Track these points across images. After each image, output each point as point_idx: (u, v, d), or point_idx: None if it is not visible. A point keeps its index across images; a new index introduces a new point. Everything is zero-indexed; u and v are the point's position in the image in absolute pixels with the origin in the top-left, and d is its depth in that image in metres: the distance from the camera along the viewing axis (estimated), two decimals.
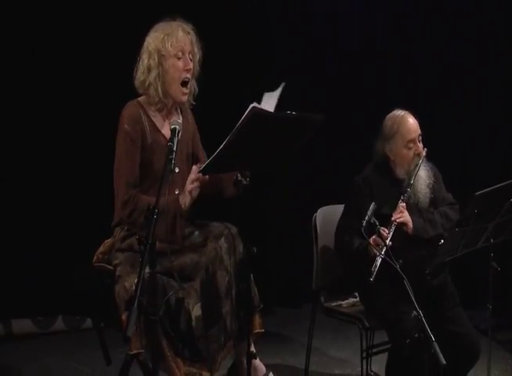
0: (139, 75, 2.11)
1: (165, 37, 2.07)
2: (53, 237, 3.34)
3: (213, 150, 1.93)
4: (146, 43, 2.11)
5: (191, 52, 2.11)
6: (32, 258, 3.31)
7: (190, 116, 2.26)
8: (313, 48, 3.98)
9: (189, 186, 2.00)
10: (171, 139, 1.85)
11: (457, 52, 3.87)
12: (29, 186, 3.35)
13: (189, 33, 2.11)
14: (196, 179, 1.98)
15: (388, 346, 2.40)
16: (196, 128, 2.27)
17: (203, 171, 1.98)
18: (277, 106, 1.92)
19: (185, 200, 2.00)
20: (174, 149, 1.83)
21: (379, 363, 2.61)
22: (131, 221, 2.04)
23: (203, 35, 2.18)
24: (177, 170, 2.13)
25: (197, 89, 2.18)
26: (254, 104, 1.81)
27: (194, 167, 2.01)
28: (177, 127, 1.90)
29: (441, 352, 1.80)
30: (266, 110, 1.84)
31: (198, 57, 2.15)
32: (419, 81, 3.90)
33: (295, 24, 3.97)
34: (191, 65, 2.10)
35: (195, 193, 1.99)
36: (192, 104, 2.21)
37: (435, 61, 3.90)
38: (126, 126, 2.07)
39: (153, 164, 2.08)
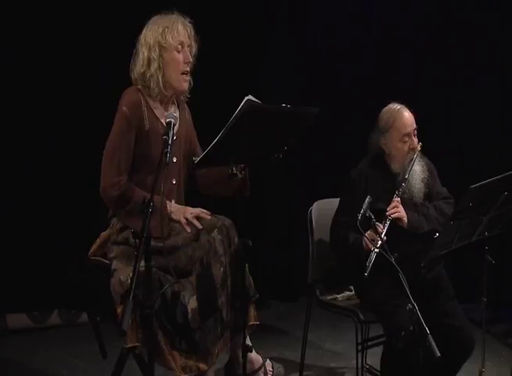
0: (138, 68, 2.10)
1: (165, 30, 2.07)
2: (48, 231, 3.33)
3: (209, 144, 1.92)
4: (143, 36, 2.11)
5: (189, 45, 2.12)
6: (27, 252, 3.30)
7: (187, 110, 2.26)
8: (309, 42, 3.97)
9: (189, 216, 2.03)
10: (166, 133, 1.85)
11: (452, 47, 3.87)
12: (23, 180, 3.33)
13: (187, 26, 2.12)
14: (197, 216, 2.03)
15: (383, 339, 2.41)
16: (192, 124, 2.27)
17: (199, 164, 1.98)
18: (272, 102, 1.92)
19: (174, 214, 2.04)
20: (170, 142, 1.83)
21: (374, 356, 2.62)
22: (117, 206, 2.03)
23: (199, 29, 2.17)
24: (174, 159, 2.13)
25: (192, 83, 2.18)
26: (249, 97, 1.81)
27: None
28: (172, 120, 1.90)
29: (436, 345, 1.81)
30: (260, 103, 1.84)
31: (194, 51, 2.15)
32: (414, 75, 3.90)
33: (290, 18, 3.96)
34: (190, 58, 2.11)
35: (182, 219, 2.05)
36: (187, 97, 2.21)
37: (431, 55, 3.90)
38: (124, 108, 2.07)
39: (150, 152, 2.07)
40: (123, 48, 2.20)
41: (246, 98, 1.80)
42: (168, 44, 2.07)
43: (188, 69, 2.12)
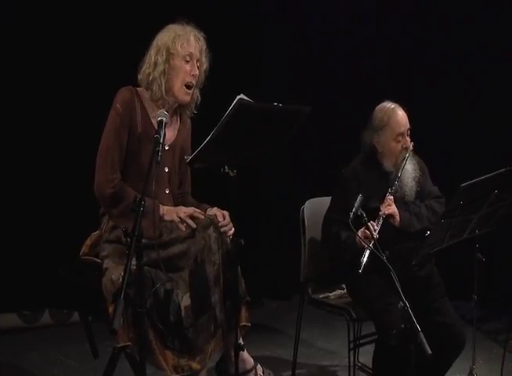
0: (145, 68, 2.10)
1: (176, 37, 2.07)
2: (39, 230, 3.31)
3: (201, 143, 1.92)
4: (156, 39, 2.11)
5: (199, 60, 2.11)
6: (17, 251, 3.28)
7: (188, 124, 2.24)
8: (304, 42, 3.98)
9: (182, 215, 2.03)
10: (158, 132, 1.84)
11: (444, 46, 3.89)
12: (14, 179, 3.31)
13: (199, 40, 2.12)
14: (190, 215, 2.03)
15: (375, 337, 2.42)
16: (189, 142, 2.25)
17: (191, 163, 1.98)
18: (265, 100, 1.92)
19: (167, 215, 2.03)
20: (161, 141, 1.82)
21: (366, 354, 2.63)
22: (110, 204, 2.03)
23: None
24: (166, 169, 2.12)
25: (200, 98, 2.17)
26: (241, 95, 1.81)
27: (218, 212, 2.06)
28: (163, 119, 1.89)
29: (427, 342, 1.82)
30: (253, 102, 1.84)
31: (205, 67, 2.14)
32: (406, 74, 3.92)
33: (283, 17, 3.96)
34: (197, 71, 2.10)
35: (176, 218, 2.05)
36: (193, 113, 2.20)
37: (423, 55, 3.92)
38: (118, 105, 2.07)
39: (141, 157, 2.07)
40: (122, 46, 2.19)
41: (238, 97, 1.80)
42: (176, 51, 2.06)
43: (193, 82, 2.10)
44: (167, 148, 2.12)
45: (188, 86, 2.10)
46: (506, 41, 3.72)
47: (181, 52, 2.07)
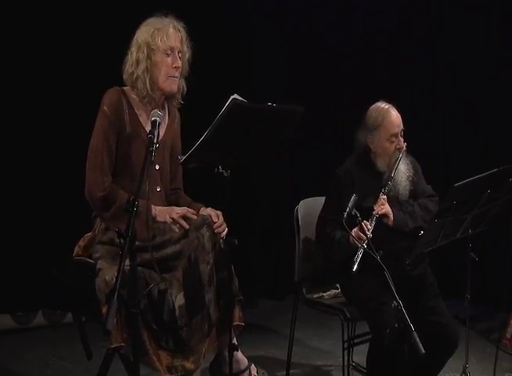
0: (128, 68, 2.10)
1: (155, 32, 2.06)
2: (32, 231, 3.30)
3: (195, 143, 1.91)
4: (135, 36, 2.10)
5: (180, 50, 2.11)
6: (11, 252, 3.26)
7: (177, 118, 2.24)
8: (294, 40, 3.98)
9: (175, 215, 2.03)
10: (152, 131, 1.84)
11: (438, 45, 3.91)
12: (7, 178, 3.29)
13: (179, 30, 2.10)
14: (183, 215, 2.03)
15: (369, 337, 2.43)
16: (179, 135, 2.24)
17: (185, 163, 1.97)
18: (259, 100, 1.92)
19: (159, 216, 2.03)
20: (155, 141, 1.81)
21: (360, 354, 2.63)
22: (102, 208, 2.02)
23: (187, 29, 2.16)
24: (157, 167, 2.12)
25: (186, 88, 2.16)
26: (235, 96, 1.81)
27: (212, 212, 2.06)
28: (157, 119, 1.88)
29: (421, 342, 1.83)
30: (246, 102, 1.84)
31: (187, 56, 2.14)
32: (400, 74, 3.93)
33: (275, 15, 3.96)
34: (179, 63, 2.09)
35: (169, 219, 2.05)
36: (180, 103, 2.20)
37: (416, 54, 3.94)
38: (105, 108, 2.07)
39: (131, 157, 2.06)
40: (111, 46, 2.18)
41: (232, 97, 1.80)
42: (157, 46, 2.06)
43: (176, 74, 2.10)
44: (157, 145, 2.12)
45: (171, 77, 2.09)
46: (502, 40, 3.74)
47: (161, 47, 2.06)
